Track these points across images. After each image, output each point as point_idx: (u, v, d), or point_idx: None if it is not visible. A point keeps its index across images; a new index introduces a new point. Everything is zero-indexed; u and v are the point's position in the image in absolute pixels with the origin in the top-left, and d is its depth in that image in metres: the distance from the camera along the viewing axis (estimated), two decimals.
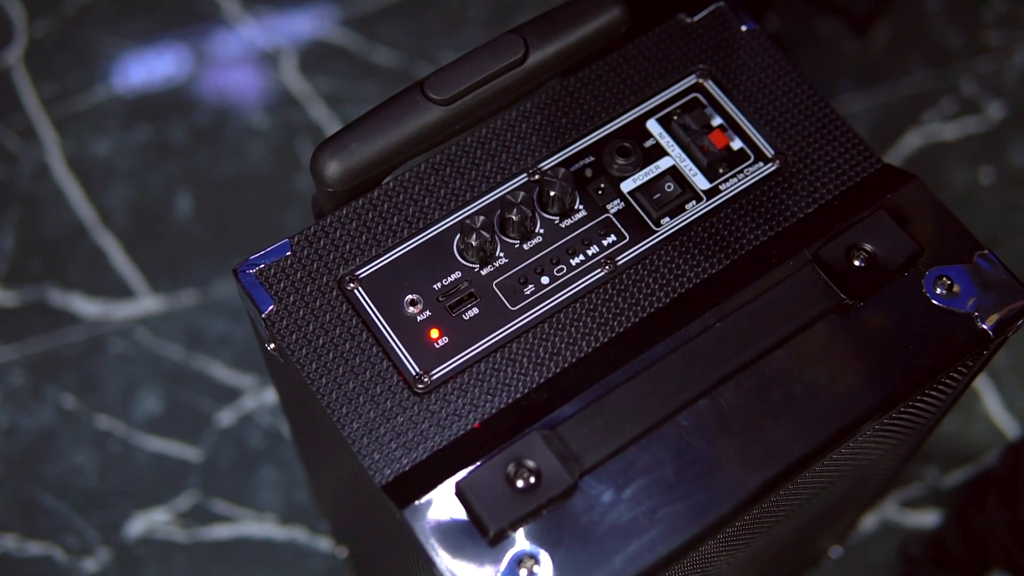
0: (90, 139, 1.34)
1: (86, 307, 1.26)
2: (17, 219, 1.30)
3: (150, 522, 1.18)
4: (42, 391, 1.22)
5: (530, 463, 0.63)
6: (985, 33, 1.40)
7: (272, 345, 0.71)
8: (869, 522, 1.18)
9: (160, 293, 1.27)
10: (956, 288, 0.69)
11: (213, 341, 1.25)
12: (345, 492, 0.85)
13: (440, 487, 0.64)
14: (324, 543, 1.17)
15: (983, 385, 1.23)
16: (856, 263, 0.68)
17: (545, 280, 0.70)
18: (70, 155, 1.33)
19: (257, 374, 1.23)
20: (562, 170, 0.71)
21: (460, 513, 0.63)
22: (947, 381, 0.71)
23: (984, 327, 0.68)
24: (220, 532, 1.18)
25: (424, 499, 0.64)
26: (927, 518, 1.18)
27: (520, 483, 0.63)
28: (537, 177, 0.73)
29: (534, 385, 0.68)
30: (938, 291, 0.69)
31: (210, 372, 1.23)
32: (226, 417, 1.22)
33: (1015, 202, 1.31)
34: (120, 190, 1.31)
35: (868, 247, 0.69)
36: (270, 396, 1.22)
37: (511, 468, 0.63)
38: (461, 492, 0.63)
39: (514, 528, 0.63)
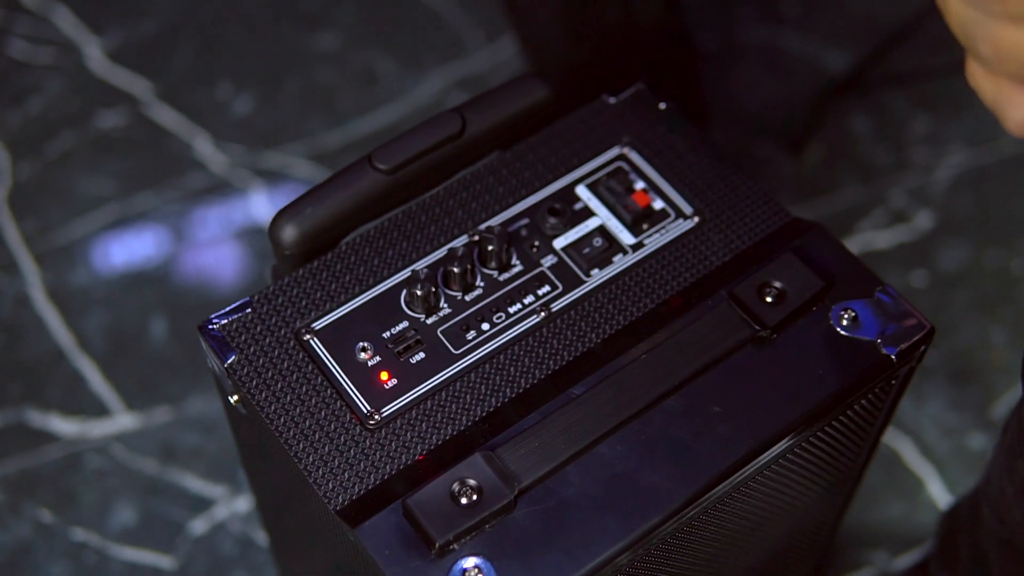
0: (69, 271, 1.41)
1: (63, 426, 1.31)
2: None
3: None
4: (19, 507, 1.26)
5: (472, 481, 0.69)
6: (910, 150, 1.50)
7: (235, 397, 0.76)
8: None
9: (135, 411, 1.32)
10: (860, 320, 0.75)
11: (186, 454, 1.29)
12: (304, 550, 0.89)
13: (389, 507, 0.69)
14: None
15: (927, 473, 1.28)
16: (768, 299, 0.75)
17: (485, 327, 0.76)
18: (50, 286, 1.40)
19: (229, 484, 1.27)
20: (498, 227, 0.78)
21: (409, 530, 0.68)
22: (857, 408, 0.77)
23: (887, 353, 0.74)
24: None
25: (375, 518, 0.69)
26: None
27: (464, 500, 0.68)
28: (477, 237, 0.79)
29: (476, 418, 0.73)
30: (844, 323, 0.75)
31: (183, 484, 1.27)
32: (199, 526, 1.25)
33: (946, 302, 1.39)
34: (97, 316, 1.37)
35: (778, 284, 0.75)
36: (242, 504, 1.26)
37: (455, 486, 0.68)
38: (408, 509, 0.68)
39: (459, 541, 0.67)
